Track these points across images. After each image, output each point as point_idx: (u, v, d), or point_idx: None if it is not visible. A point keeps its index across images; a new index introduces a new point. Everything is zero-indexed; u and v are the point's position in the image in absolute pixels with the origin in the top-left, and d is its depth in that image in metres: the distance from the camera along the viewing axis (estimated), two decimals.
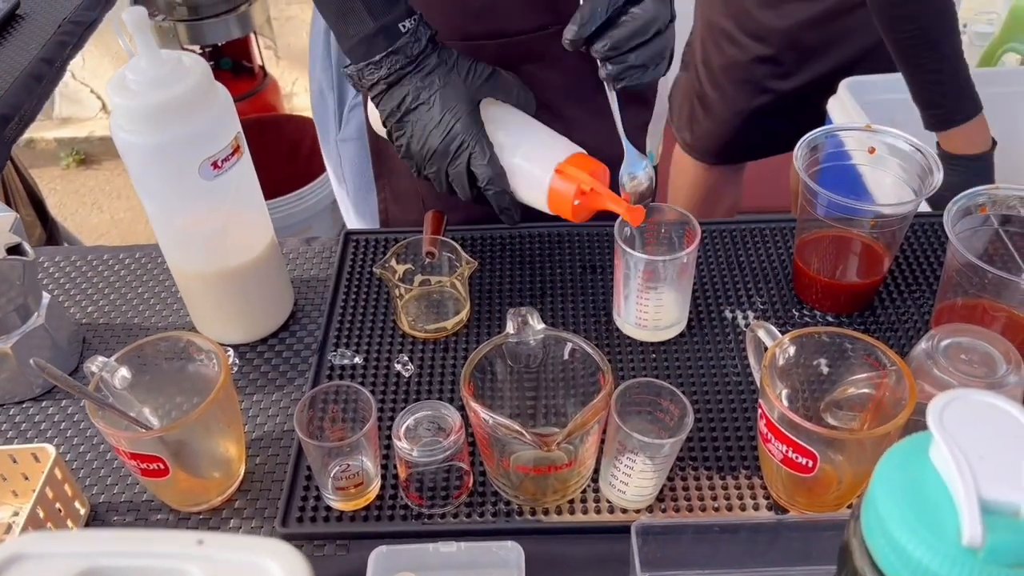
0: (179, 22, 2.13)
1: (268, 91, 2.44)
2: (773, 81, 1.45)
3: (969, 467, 0.37)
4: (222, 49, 2.34)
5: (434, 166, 0.80)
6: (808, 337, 0.71)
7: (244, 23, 2.19)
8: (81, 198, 2.78)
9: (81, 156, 2.90)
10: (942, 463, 0.38)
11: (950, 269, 0.78)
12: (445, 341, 0.86)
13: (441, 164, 0.79)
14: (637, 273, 0.80)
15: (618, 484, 0.70)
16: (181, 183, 0.75)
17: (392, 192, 1.08)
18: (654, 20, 0.72)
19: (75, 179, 2.85)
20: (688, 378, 0.82)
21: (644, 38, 0.73)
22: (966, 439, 0.38)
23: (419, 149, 0.79)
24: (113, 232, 2.64)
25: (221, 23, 2.15)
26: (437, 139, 0.78)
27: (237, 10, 2.16)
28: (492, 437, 0.67)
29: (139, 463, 0.68)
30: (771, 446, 0.67)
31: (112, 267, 0.98)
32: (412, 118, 0.79)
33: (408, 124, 0.79)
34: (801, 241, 0.87)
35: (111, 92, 0.72)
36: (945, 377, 0.65)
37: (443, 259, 0.88)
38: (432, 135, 0.78)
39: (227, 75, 2.41)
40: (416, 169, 0.82)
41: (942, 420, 0.39)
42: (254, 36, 2.36)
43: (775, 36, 1.41)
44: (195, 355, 0.74)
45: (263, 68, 2.46)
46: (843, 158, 0.87)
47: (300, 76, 2.97)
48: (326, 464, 0.70)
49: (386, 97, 0.79)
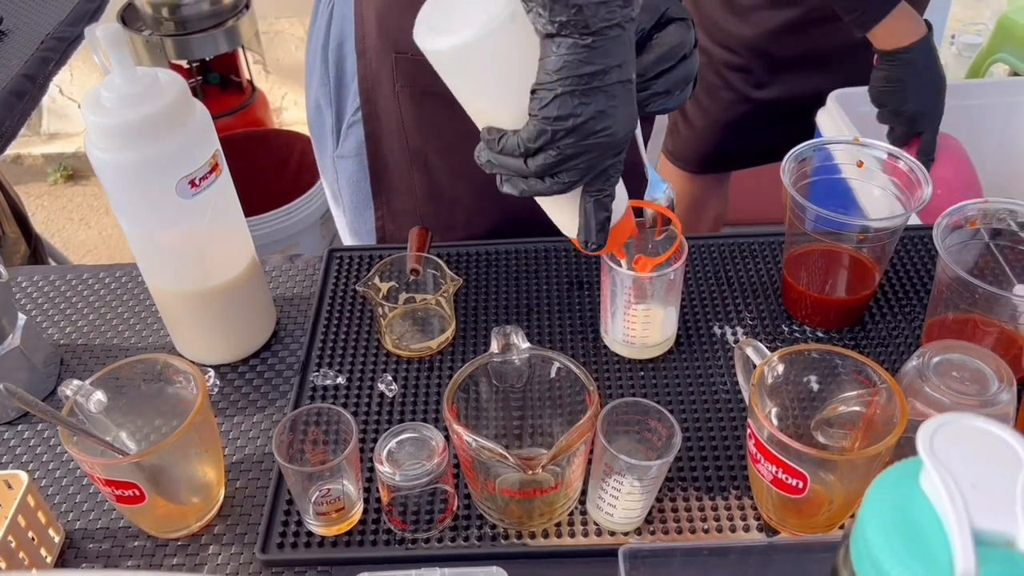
0: (166, 37, 2.12)
1: (256, 105, 2.43)
2: (749, 90, 1.45)
3: (961, 496, 0.36)
4: (210, 64, 2.34)
5: (596, 153, 0.61)
6: (797, 354, 0.70)
7: (232, 38, 2.18)
8: (68, 214, 2.76)
9: (69, 172, 2.88)
10: (933, 491, 0.37)
11: (940, 284, 0.77)
12: (430, 360, 0.85)
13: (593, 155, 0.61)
14: (624, 290, 0.79)
15: (606, 506, 0.69)
16: (158, 202, 0.74)
17: (390, 210, 1.07)
18: (680, 45, 0.70)
19: (62, 195, 2.83)
20: (677, 396, 0.80)
21: (669, 64, 0.71)
22: (958, 466, 0.37)
23: (596, 125, 0.60)
24: (101, 248, 2.62)
25: (208, 38, 2.14)
26: (627, 125, 0.62)
27: (225, 25, 2.15)
28: (476, 460, 0.66)
29: (114, 489, 0.67)
30: (760, 467, 0.66)
31: (92, 287, 0.97)
32: (613, 90, 0.60)
33: (600, 94, 0.59)
34: (790, 255, 0.86)
35: (85, 110, 0.71)
36: (936, 395, 0.64)
37: (428, 276, 0.87)
38: (624, 114, 0.61)
39: (215, 90, 2.40)
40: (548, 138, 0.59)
41: (932, 446, 0.38)
42: (242, 51, 2.36)
43: (742, 45, 1.41)
44: (173, 377, 0.72)
45: (251, 83, 2.45)
46: (833, 171, 0.86)
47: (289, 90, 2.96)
48: (306, 488, 0.69)
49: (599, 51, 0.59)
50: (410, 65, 0.93)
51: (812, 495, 0.64)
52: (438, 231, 1.02)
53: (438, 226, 1.02)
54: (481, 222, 1.03)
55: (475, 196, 1.01)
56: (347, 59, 0.99)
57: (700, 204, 1.69)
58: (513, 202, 0.71)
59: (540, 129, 0.58)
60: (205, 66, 2.34)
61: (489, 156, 0.63)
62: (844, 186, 0.88)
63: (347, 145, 1.04)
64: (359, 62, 0.97)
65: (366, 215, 1.09)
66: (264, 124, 2.46)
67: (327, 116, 1.05)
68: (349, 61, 0.98)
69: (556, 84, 0.57)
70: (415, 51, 0.61)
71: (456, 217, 1.04)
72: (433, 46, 0.59)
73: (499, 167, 0.63)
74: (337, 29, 0.98)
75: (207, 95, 2.35)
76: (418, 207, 1.04)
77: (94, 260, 2.57)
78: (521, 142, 0.60)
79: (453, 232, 1.03)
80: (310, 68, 1.05)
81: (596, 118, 0.58)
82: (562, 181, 0.61)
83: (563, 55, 0.56)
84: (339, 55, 0.99)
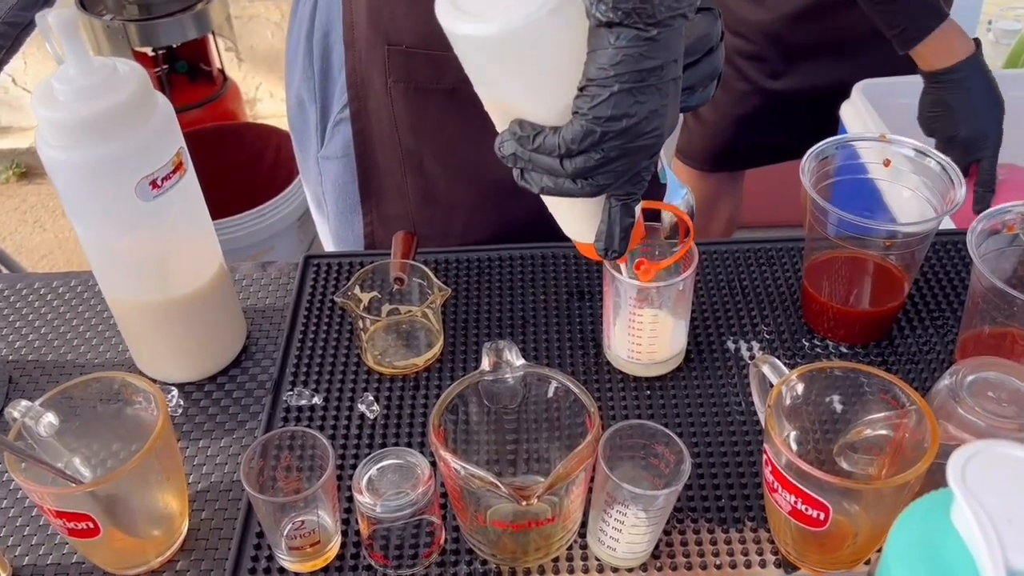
0: (129, 22, 2.12)
1: (228, 97, 2.43)
2: (764, 80, 1.45)
3: (995, 532, 0.36)
4: (177, 51, 2.34)
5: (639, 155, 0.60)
6: (819, 372, 0.69)
7: (201, 22, 2.19)
8: (22, 215, 2.76)
9: (22, 169, 2.88)
10: (964, 526, 0.37)
11: (975, 294, 0.77)
12: (416, 378, 0.85)
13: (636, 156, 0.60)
14: (628, 300, 0.79)
15: (607, 540, 0.68)
16: (116, 205, 0.73)
17: (380, 216, 1.07)
18: (706, 37, 0.69)
19: (15, 195, 2.83)
20: (687, 418, 0.80)
21: (694, 57, 0.70)
22: (991, 499, 0.37)
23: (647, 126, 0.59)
24: (57, 253, 2.62)
25: (175, 23, 2.15)
26: (672, 125, 0.62)
27: (193, 8, 2.16)
28: (464, 489, 0.65)
29: (66, 522, 0.66)
30: (778, 496, 0.65)
31: (44, 297, 0.96)
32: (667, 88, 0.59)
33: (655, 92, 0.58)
34: (810, 263, 0.86)
35: (36, 104, 0.70)
36: (971, 418, 0.64)
37: (413, 286, 0.87)
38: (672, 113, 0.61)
39: (183, 80, 2.40)
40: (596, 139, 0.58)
41: (964, 477, 0.38)
42: (212, 37, 2.36)
43: (756, 31, 1.42)
44: (132, 397, 0.72)
45: (223, 72, 2.45)
46: (858, 171, 0.86)
47: (264, 80, 2.96)
48: (278, 521, 0.68)
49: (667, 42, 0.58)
50: (404, 58, 0.93)
51: (835, 527, 0.64)
52: (432, 239, 1.02)
53: (433, 233, 1.02)
54: (479, 230, 1.02)
55: (474, 202, 1.01)
56: (334, 50, 0.98)
57: (711, 205, 1.69)
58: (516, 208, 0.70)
59: (588, 129, 0.57)
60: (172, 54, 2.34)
61: (516, 150, 0.61)
62: (871, 187, 0.88)
63: (333, 145, 1.04)
64: (347, 54, 0.97)
65: (353, 221, 1.09)
66: (236, 117, 2.46)
67: (311, 113, 1.05)
68: (336, 52, 0.98)
69: (612, 80, 0.55)
70: (410, 43, 0.60)
71: (453, 224, 1.04)
72: (466, 31, 0.56)
73: (527, 163, 0.61)
74: (323, 17, 0.98)
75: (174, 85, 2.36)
76: (411, 213, 1.04)
77: (49, 266, 2.57)
78: (563, 143, 0.58)
79: (449, 240, 1.03)
80: (291, 60, 1.05)
81: (649, 118, 0.57)
82: (596, 184, 0.60)
83: (623, 48, 0.54)
84: (325, 46, 0.99)
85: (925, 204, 0.83)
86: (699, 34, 0.70)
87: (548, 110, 0.59)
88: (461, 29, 0.56)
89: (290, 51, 1.05)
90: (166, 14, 2.14)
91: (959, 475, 0.37)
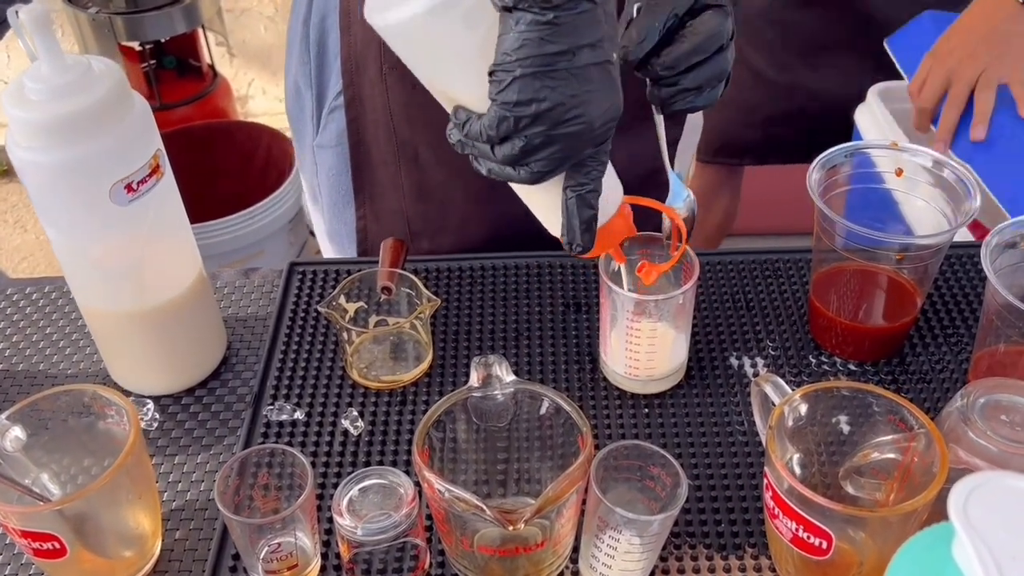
0: (116, 15, 2.12)
1: (218, 94, 2.43)
2: (767, 70, 1.43)
3: (997, 569, 0.35)
4: (165, 46, 2.34)
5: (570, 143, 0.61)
6: (824, 392, 0.69)
7: (191, 16, 2.19)
8: (2, 216, 2.76)
9: (3, 167, 2.88)
10: (966, 562, 0.36)
11: (990, 311, 0.76)
12: (403, 392, 0.85)
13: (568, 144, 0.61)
14: (626, 313, 0.79)
15: (600, 567, 0.68)
16: (89, 209, 0.73)
17: (373, 209, 1.06)
18: (716, 36, 0.70)
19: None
20: (686, 438, 0.80)
21: (702, 56, 0.70)
22: (994, 533, 0.36)
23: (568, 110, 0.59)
24: (39, 255, 2.62)
25: (164, 16, 2.15)
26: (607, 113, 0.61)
27: (182, 1, 2.16)
28: (449, 512, 0.65)
29: (31, 542, 0.66)
30: (779, 523, 0.65)
31: (16, 303, 0.96)
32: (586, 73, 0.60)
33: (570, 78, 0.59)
34: (818, 276, 0.86)
35: (6, 103, 0.70)
36: (981, 442, 0.64)
37: (401, 296, 0.87)
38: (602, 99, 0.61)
39: (171, 75, 2.40)
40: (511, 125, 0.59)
41: (966, 510, 0.37)
42: (202, 31, 2.36)
43: (759, 13, 1.40)
44: (103, 410, 0.72)
45: (213, 68, 2.45)
46: (871, 180, 0.86)
47: (257, 77, 2.97)
48: (254, 543, 0.68)
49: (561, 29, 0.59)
50: None
51: (838, 556, 0.64)
52: (427, 235, 1.02)
53: (428, 229, 1.02)
54: (477, 226, 1.02)
55: (471, 196, 1.01)
56: (330, 34, 0.99)
57: (708, 197, 1.67)
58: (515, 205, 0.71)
59: (500, 116, 0.59)
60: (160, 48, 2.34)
61: (459, 136, 0.64)
62: (884, 196, 0.88)
63: (327, 133, 1.04)
64: (343, 38, 0.97)
65: (346, 214, 1.08)
66: (226, 115, 2.46)
67: (307, 100, 1.05)
68: (332, 37, 0.98)
69: (515, 65, 0.57)
70: None
71: (448, 219, 1.03)
72: (382, 20, 0.60)
73: (471, 148, 0.64)
74: (321, 1, 0.98)
75: (161, 81, 2.36)
76: (405, 207, 1.03)
77: (30, 268, 2.57)
78: (484, 129, 0.60)
79: (444, 237, 1.03)
80: (290, 44, 1.05)
81: (566, 104, 0.58)
82: (533, 171, 0.62)
83: (523, 32, 0.56)
84: (321, 30, 0.99)
85: (939, 215, 0.83)
86: (708, 32, 0.70)
87: (474, 97, 0.61)
88: (378, 19, 0.60)
89: (289, 36, 1.05)
90: (154, 7, 2.14)
91: (961, 509, 0.37)
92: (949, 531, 0.38)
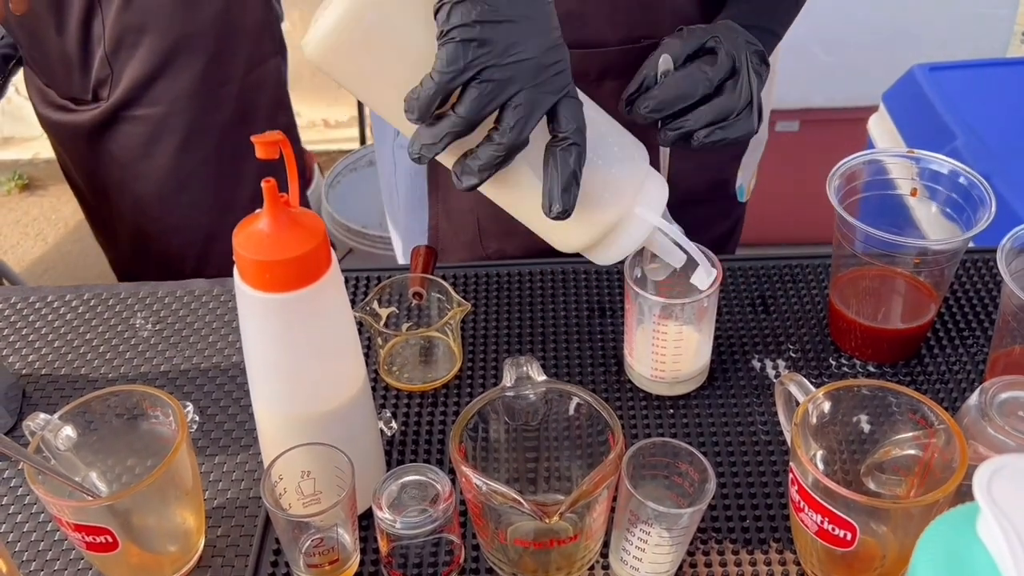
0: None
1: None
2: None
3: (1021, 545, 0.37)
4: None
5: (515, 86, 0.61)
6: (846, 390, 0.71)
7: None
8: (24, 228, 2.79)
9: (24, 181, 2.92)
10: (991, 540, 0.39)
11: (1006, 313, 0.78)
12: (434, 394, 0.87)
13: (525, 83, 0.61)
14: (651, 317, 0.81)
15: (631, 560, 0.70)
16: None
17: (445, 208, 1.08)
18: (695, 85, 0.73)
19: (17, 206, 2.87)
20: (711, 437, 0.82)
21: (688, 102, 0.73)
22: (1018, 512, 0.38)
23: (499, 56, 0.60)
24: (60, 267, 2.65)
25: None
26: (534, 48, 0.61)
27: None
28: (485, 506, 0.67)
29: (84, 535, 0.68)
30: (804, 516, 0.67)
31: (57, 309, 0.99)
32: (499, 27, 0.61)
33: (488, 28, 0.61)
34: (837, 280, 0.88)
35: None
36: (1000, 437, 0.66)
37: (432, 301, 0.89)
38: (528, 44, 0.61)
39: None
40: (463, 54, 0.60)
41: (991, 490, 0.39)
42: None
43: None
44: (149, 411, 0.74)
45: None
46: (886, 187, 0.88)
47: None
48: (296, 537, 0.70)
49: None
50: None
51: (862, 548, 0.66)
52: (496, 236, 1.03)
53: (497, 231, 1.03)
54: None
55: None
56: None
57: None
58: None
59: (451, 50, 0.59)
60: None
61: (420, 139, 0.62)
62: (899, 203, 0.90)
63: None
64: None
65: (420, 213, 1.10)
66: None
67: None
68: None
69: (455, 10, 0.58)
70: None
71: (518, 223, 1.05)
72: (308, 53, 0.63)
73: (432, 144, 0.62)
74: None
75: None
76: (476, 207, 1.05)
77: (51, 281, 2.60)
78: (437, 75, 0.59)
79: (512, 239, 1.04)
80: None
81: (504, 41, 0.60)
82: (510, 124, 0.61)
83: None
84: None
85: (955, 220, 0.85)
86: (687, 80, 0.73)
87: None
88: (308, 52, 0.63)
89: None
90: None
91: (985, 488, 0.39)
92: (973, 511, 0.41)
